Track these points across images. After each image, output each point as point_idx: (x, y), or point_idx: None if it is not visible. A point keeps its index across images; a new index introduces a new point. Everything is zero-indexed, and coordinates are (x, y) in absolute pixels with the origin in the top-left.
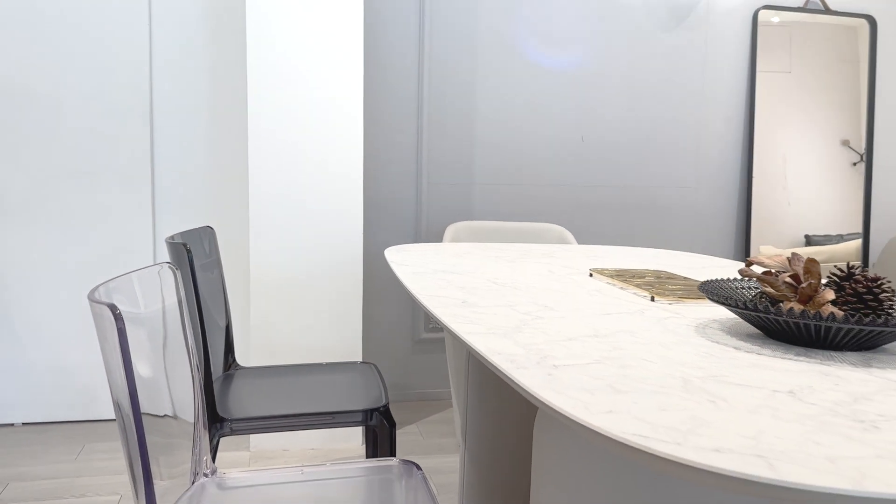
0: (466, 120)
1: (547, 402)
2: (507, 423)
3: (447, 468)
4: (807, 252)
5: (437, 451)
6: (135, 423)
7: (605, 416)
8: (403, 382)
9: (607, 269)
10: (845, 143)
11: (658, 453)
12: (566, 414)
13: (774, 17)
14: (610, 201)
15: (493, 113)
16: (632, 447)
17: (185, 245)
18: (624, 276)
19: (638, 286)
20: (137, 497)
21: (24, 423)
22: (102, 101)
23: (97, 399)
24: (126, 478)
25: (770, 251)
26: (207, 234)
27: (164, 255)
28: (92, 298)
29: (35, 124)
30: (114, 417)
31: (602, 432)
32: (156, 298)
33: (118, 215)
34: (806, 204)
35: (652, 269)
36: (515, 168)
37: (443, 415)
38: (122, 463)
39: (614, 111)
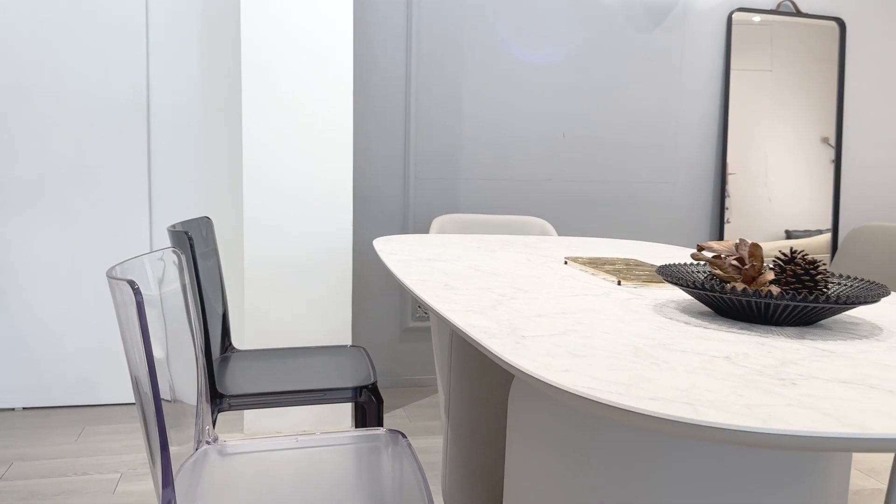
0: (452, 117)
1: (514, 365)
2: (487, 399)
3: (433, 448)
4: (783, 245)
5: (425, 432)
6: (152, 395)
7: (562, 374)
8: (392, 369)
9: (581, 257)
10: (825, 140)
11: (602, 401)
12: (530, 373)
13: (756, 17)
14: (590, 196)
15: (478, 111)
16: (582, 397)
17: (186, 233)
18: (595, 264)
19: (607, 272)
20: (153, 462)
21: (24, 408)
22: (100, 98)
23: (96, 384)
24: (126, 457)
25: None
26: (206, 224)
27: (161, 245)
28: (111, 276)
29: (35, 120)
30: (112, 402)
31: (558, 386)
32: (163, 282)
33: (116, 208)
34: (787, 200)
35: (623, 257)
36: (499, 163)
37: (430, 399)
38: (122, 444)
39: (595, 109)
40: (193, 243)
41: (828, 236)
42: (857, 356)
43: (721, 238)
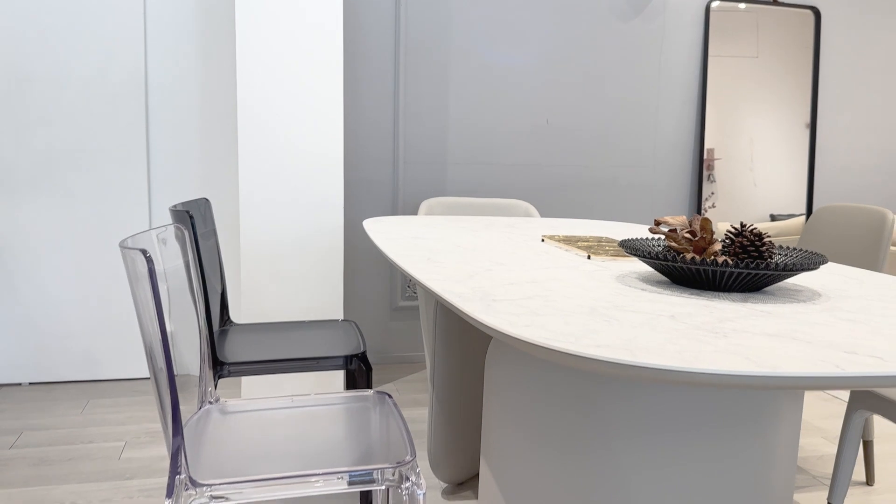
0: (440, 104)
1: (483, 322)
2: (469, 367)
3: (420, 419)
4: (765, 227)
5: (413, 404)
6: (164, 356)
7: (523, 328)
8: (382, 346)
9: (557, 235)
10: (808, 126)
11: (555, 349)
12: (496, 328)
13: (741, 5)
14: (573, 179)
15: (464, 98)
16: (539, 346)
17: (187, 212)
18: (570, 241)
19: (579, 248)
20: (166, 420)
21: (30, 383)
22: (100, 84)
23: (99, 360)
24: (129, 427)
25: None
26: (205, 205)
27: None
28: (124, 246)
29: (38, 107)
30: (115, 377)
31: (519, 338)
32: (169, 257)
33: (116, 191)
34: (771, 184)
35: (597, 235)
36: (486, 149)
37: (418, 375)
38: (125, 415)
39: (577, 96)
40: (195, 222)
41: (802, 218)
42: (789, 315)
43: None
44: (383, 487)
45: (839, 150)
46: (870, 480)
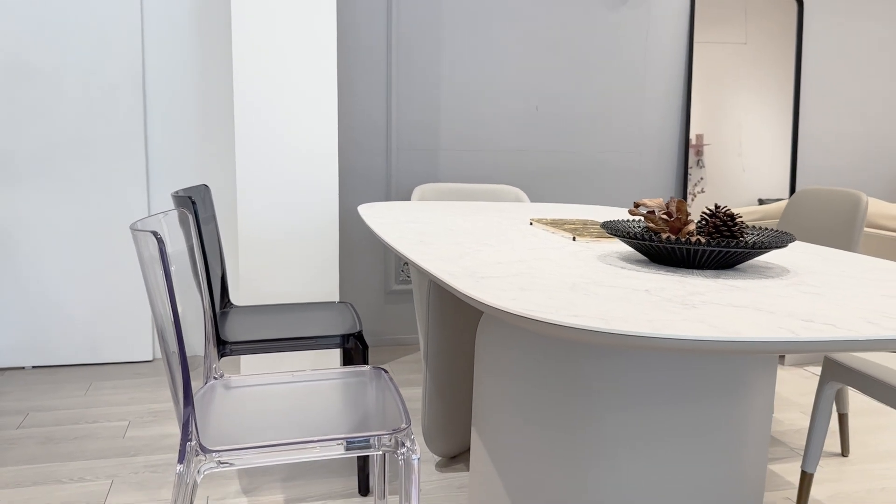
0: (432, 92)
1: (472, 297)
2: (460, 344)
3: (415, 397)
4: (752, 211)
5: (406, 384)
6: (176, 333)
7: (509, 301)
8: (376, 329)
9: (545, 219)
10: (792, 111)
11: (537, 318)
12: (483, 302)
13: None
14: (562, 165)
15: (456, 86)
16: (521, 316)
17: (190, 197)
18: (556, 224)
19: (566, 230)
20: (176, 392)
21: (33, 367)
22: (98, 75)
23: (100, 344)
24: (132, 408)
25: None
26: (204, 191)
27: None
28: (135, 228)
29: (38, 98)
30: (116, 361)
31: (504, 309)
32: (174, 241)
33: (115, 179)
34: (760, 169)
35: (583, 219)
36: (477, 136)
37: (412, 356)
38: (128, 397)
39: (566, 83)
40: (197, 207)
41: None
42: (757, 289)
43: None
44: (380, 453)
45: (822, 135)
46: (845, 452)
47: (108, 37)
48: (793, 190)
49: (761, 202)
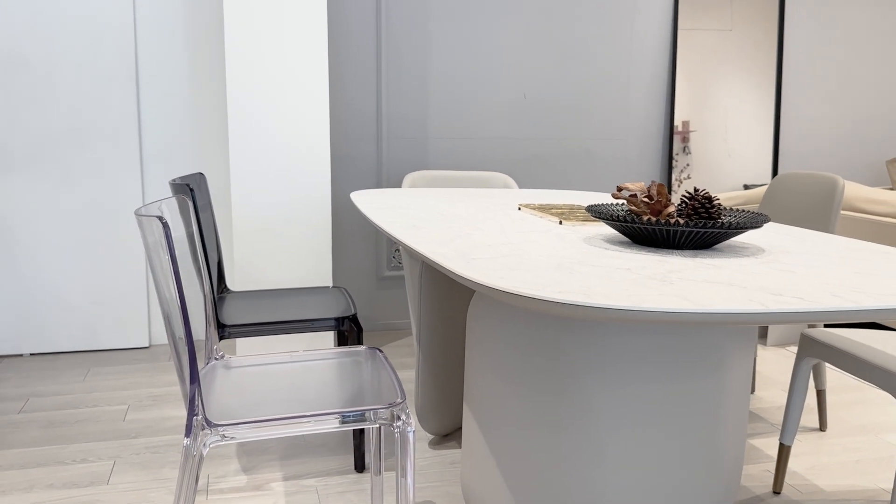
0: (421, 82)
1: (463, 276)
2: (451, 323)
3: (407, 379)
4: (736, 196)
5: (400, 367)
6: (182, 316)
7: (498, 279)
8: (369, 315)
9: (533, 204)
10: (774, 97)
11: (523, 294)
12: (474, 280)
13: None
14: (549, 152)
15: (444, 75)
16: (509, 293)
17: (188, 185)
18: (544, 209)
19: (553, 214)
20: (182, 370)
21: (31, 354)
22: (92, 65)
23: (98, 331)
24: (131, 392)
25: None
26: (200, 178)
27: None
28: (140, 213)
29: (33, 88)
30: (113, 347)
31: (494, 287)
32: (174, 227)
33: (109, 168)
34: (745, 155)
35: (570, 203)
36: (465, 123)
37: (404, 340)
38: (126, 381)
39: (553, 71)
40: (194, 195)
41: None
42: (732, 267)
43: (669, 189)
44: (376, 426)
45: (805, 120)
46: (823, 427)
47: (101, 27)
48: (776, 174)
49: (747, 187)
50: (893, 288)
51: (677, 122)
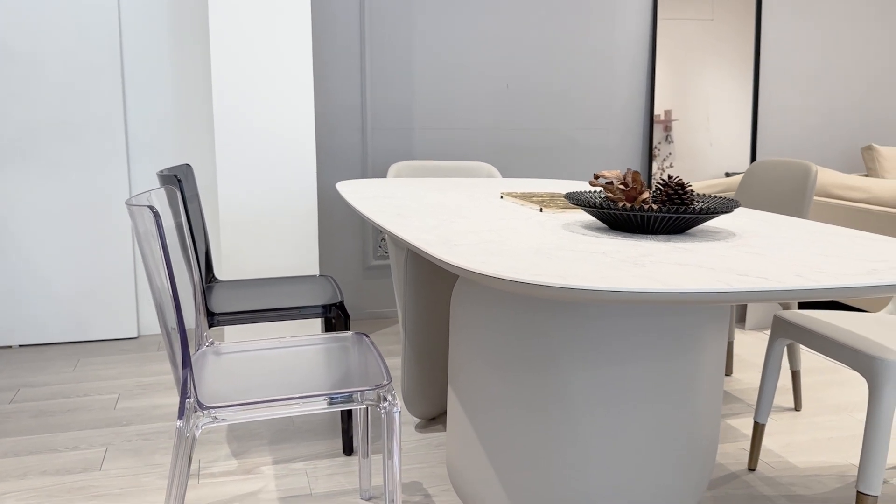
0: (405, 73)
1: (446, 261)
2: (436, 309)
3: (394, 366)
4: (715, 184)
5: (386, 354)
6: (174, 302)
7: (479, 264)
8: (355, 303)
9: (515, 192)
10: (752, 86)
11: (504, 277)
12: (456, 264)
13: None
14: (533, 142)
15: (429, 66)
16: (490, 276)
17: (175, 176)
18: (525, 197)
19: (534, 202)
20: (174, 355)
21: (20, 346)
22: (78, 58)
23: (86, 322)
24: (121, 381)
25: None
26: (188, 170)
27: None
28: (131, 203)
29: (20, 81)
30: (102, 338)
31: (475, 270)
32: (163, 217)
33: (96, 160)
34: (726, 143)
35: (551, 192)
36: (449, 114)
37: (390, 329)
38: (116, 371)
39: (535, 61)
40: (183, 185)
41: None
42: (703, 251)
43: (650, 177)
44: (363, 407)
45: (782, 108)
46: (797, 407)
47: (85, 19)
48: (753, 159)
49: (728, 175)
50: (855, 268)
51: (660, 111)
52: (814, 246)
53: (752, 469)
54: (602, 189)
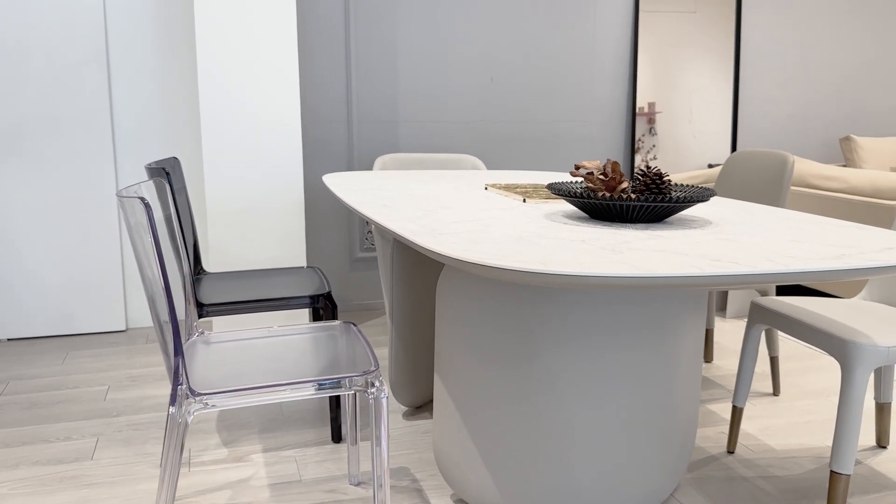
0: (390, 66)
1: (430, 249)
2: (422, 299)
3: (382, 357)
4: (697, 175)
5: (373, 344)
6: (165, 290)
7: (463, 251)
8: (342, 295)
9: (499, 184)
10: (733, 78)
11: (487, 264)
12: (440, 252)
13: None
14: (517, 134)
15: (413, 59)
16: (473, 263)
17: (164, 169)
18: (509, 188)
19: (517, 193)
20: (166, 343)
21: (9, 339)
22: (63, 52)
23: (74, 316)
24: (110, 374)
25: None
26: (175, 163)
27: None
28: (121, 195)
29: (5, 76)
30: (91, 331)
31: (458, 258)
32: (153, 209)
33: (83, 154)
34: (709, 135)
35: (534, 183)
36: (434, 107)
37: (377, 320)
38: (105, 364)
39: (518, 55)
40: (171, 178)
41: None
42: (680, 239)
43: (632, 168)
44: (351, 392)
45: (762, 100)
46: (776, 392)
47: (70, 13)
48: (734, 150)
49: (711, 166)
50: (823, 253)
51: (643, 103)
52: (787, 233)
53: (731, 452)
54: (583, 179)
